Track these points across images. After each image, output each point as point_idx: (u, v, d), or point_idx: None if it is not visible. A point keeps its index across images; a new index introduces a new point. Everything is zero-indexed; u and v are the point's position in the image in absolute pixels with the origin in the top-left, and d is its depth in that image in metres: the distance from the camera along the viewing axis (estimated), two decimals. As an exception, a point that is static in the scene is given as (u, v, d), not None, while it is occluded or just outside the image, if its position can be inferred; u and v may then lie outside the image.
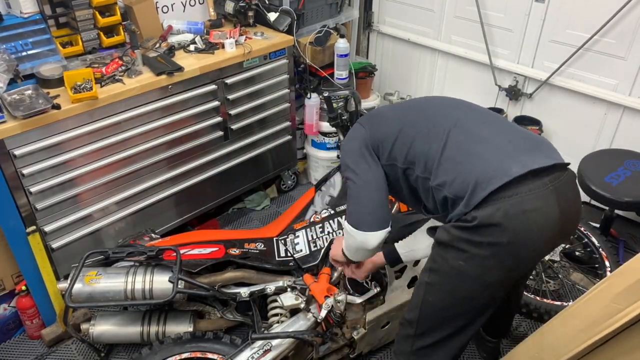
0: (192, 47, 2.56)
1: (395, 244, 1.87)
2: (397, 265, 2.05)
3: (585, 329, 1.33)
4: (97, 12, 2.30)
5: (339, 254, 1.86)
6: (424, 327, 1.58)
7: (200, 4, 2.86)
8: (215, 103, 2.57)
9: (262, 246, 2.25)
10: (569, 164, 1.50)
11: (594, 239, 2.38)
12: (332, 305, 1.91)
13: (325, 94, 2.79)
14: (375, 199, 1.61)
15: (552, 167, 1.42)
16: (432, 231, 1.64)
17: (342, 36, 3.01)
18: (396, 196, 1.73)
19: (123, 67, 2.29)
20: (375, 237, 1.61)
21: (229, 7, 2.77)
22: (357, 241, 1.65)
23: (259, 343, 1.89)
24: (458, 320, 1.55)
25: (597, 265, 2.36)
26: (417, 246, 1.83)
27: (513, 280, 1.51)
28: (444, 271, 1.49)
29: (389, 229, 1.62)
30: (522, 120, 2.94)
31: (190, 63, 2.42)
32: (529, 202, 1.37)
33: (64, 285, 1.97)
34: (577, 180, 2.33)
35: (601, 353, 1.34)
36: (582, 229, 2.43)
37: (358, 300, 2.01)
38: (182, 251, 2.02)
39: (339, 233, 2.20)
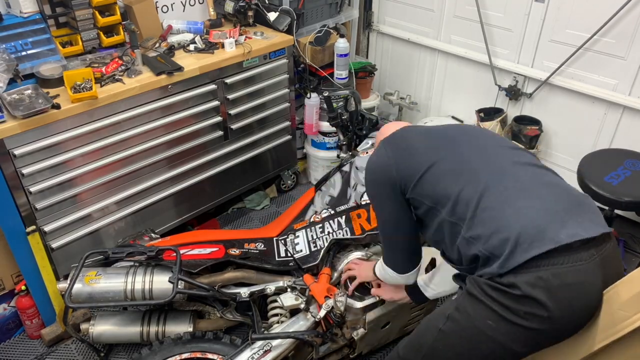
0: (191, 47, 2.56)
1: (419, 281, 1.79)
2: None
3: (592, 335, 1.32)
4: (96, 12, 2.30)
5: (369, 275, 1.91)
6: None
7: (200, 3, 2.86)
8: (215, 103, 2.57)
9: (262, 246, 2.24)
10: (611, 230, 1.37)
11: (593, 239, 2.38)
12: (332, 306, 1.91)
13: (325, 94, 2.79)
14: (406, 244, 1.63)
15: (599, 235, 1.28)
16: (458, 279, 1.50)
17: (342, 36, 3.01)
18: (422, 232, 1.63)
19: (123, 67, 2.29)
20: (413, 275, 1.69)
21: (229, 6, 2.77)
22: (397, 280, 1.72)
23: (259, 343, 1.89)
24: None
25: (596, 265, 2.36)
26: (445, 288, 1.75)
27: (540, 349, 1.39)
28: (465, 325, 1.37)
29: (420, 264, 1.69)
30: (522, 120, 2.94)
31: (190, 63, 2.42)
32: (574, 274, 1.24)
33: (63, 285, 1.97)
34: (579, 184, 2.28)
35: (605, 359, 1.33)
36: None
37: (358, 305, 2.00)
38: (182, 251, 2.02)
39: (339, 233, 2.19)
